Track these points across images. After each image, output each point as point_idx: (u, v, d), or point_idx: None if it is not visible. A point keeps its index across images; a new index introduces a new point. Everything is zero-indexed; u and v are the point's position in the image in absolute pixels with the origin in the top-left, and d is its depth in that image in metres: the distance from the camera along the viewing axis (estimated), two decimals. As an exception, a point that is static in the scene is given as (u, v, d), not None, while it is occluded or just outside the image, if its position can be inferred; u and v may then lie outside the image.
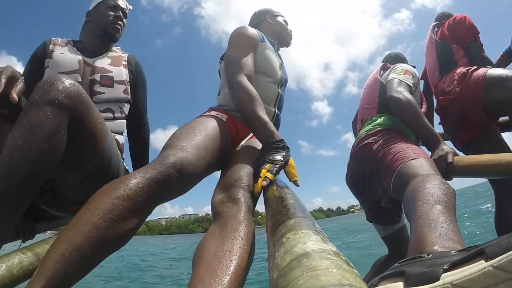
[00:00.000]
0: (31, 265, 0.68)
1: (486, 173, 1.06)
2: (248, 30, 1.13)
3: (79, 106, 0.72)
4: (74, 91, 0.70)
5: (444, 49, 1.56)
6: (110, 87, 1.10)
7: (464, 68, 1.43)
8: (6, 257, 0.66)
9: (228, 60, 1.06)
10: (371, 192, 1.32)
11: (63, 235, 0.55)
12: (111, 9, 1.18)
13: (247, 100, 0.94)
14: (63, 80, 0.70)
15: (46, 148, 0.65)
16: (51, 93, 0.67)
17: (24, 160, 0.62)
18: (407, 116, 1.22)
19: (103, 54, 1.17)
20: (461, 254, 0.39)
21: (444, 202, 0.68)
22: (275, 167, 0.79)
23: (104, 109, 1.07)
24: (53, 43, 1.11)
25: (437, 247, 0.53)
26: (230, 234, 0.63)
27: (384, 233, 1.44)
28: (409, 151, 1.06)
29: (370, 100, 1.47)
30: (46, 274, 0.50)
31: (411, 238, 0.63)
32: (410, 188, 0.82)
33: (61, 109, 0.67)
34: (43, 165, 0.66)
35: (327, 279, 0.23)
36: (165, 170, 0.69)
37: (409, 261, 0.45)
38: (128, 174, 0.69)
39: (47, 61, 1.07)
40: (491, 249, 0.34)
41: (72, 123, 0.70)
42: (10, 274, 0.63)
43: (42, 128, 0.64)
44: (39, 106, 0.65)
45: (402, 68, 1.38)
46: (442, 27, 1.63)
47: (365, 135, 1.32)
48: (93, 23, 1.18)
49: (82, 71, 1.07)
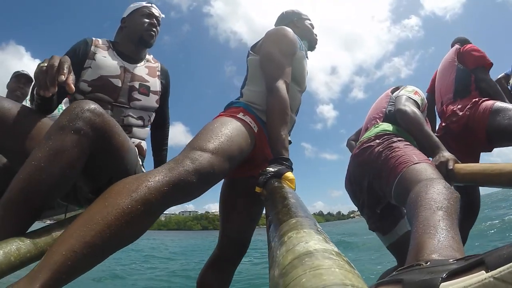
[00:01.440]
0: (28, 253, 0.68)
1: (486, 182, 1.06)
2: (293, 36, 1.14)
3: (103, 131, 0.77)
4: (99, 122, 0.75)
5: (463, 76, 1.69)
6: (146, 95, 1.18)
7: (476, 98, 1.59)
8: (3, 244, 0.66)
9: (271, 60, 1.06)
10: (370, 196, 1.32)
11: (74, 230, 0.56)
12: (146, 16, 1.24)
13: (278, 111, 0.98)
14: (90, 109, 0.74)
15: (66, 173, 0.70)
16: (78, 123, 0.71)
17: (45, 182, 0.67)
18: (412, 125, 1.27)
19: (140, 62, 1.23)
20: (460, 263, 0.38)
21: (446, 208, 0.68)
22: (266, 177, 0.83)
23: (138, 116, 1.16)
24: (95, 44, 1.15)
25: (436, 255, 0.53)
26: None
27: (388, 242, 1.39)
28: (412, 155, 1.07)
29: (378, 110, 1.50)
30: (51, 267, 0.50)
31: (410, 243, 0.63)
32: (413, 194, 0.82)
33: (85, 138, 0.72)
34: (61, 187, 0.72)
35: (330, 279, 0.23)
36: (186, 175, 0.70)
37: (407, 269, 0.44)
38: (148, 172, 0.68)
39: (89, 61, 1.11)
40: (491, 259, 0.33)
41: (96, 143, 0.76)
42: (7, 261, 0.63)
43: (66, 155, 0.69)
44: (65, 133, 0.70)
45: (413, 88, 1.49)
46: (463, 53, 1.73)
47: (368, 139, 1.32)
48: (129, 29, 1.24)
49: (123, 77, 1.14)
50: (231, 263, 1.19)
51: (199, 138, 0.84)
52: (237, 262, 1.20)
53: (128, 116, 1.13)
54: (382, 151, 1.19)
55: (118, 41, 1.24)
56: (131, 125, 1.14)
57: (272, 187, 0.76)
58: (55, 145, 0.69)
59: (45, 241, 0.74)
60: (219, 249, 1.19)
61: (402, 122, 1.32)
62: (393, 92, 1.56)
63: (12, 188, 0.68)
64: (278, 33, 1.13)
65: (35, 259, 0.71)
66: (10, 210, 0.67)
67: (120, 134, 0.86)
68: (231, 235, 1.19)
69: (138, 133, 1.17)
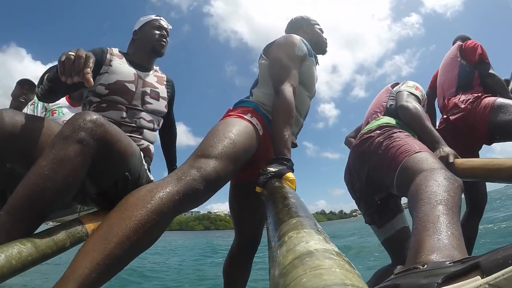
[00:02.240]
0: (30, 256, 0.68)
1: (487, 177, 1.06)
2: (301, 42, 1.18)
3: (105, 140, 0.82)
4: (100, 132, 0.80)
5: (466, 72, 1.70)
6: (156, 100, 1.30)
7: (479, 93, 1.60)
8: (5, 247, 0.66)
9: (278, 64, 1.11)
10: (369, 188, 1.31)
11: (95, 244, 0.59)
12: (156, 28, 1.36)
13: (282, 112, 1.01)
14: (92, 120, 0.79)
15: (69, 181, 0.75)
16: (81, 133, 0.76)
17: (48, 189, 0.72)
18: (414, 121, 1.27)
19: (150, 71, 1.35)
20: (456, 265, 0.38)
21: (446, 201, 0.67)
22: (266, 177, 0.85)
23: (149, 120, 1.26)
24: (110, 53, 1.26)
25: (434, 255, 0.53)
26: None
27: (383, 236, 1.35)
28: (413, 144, 1.06)
29: (379, 104, 1.50)
30: (77, 280, 0.54)
31: (411, 240, 0.63)
32: (413, 187, 0.81)
33: (87, 148, 0.77)
34: (64, 194, 0.76)
35: (330, 278, 0.23)
36: (193, 184, 0.74)
37: (404, 273, 0.45)
38: (159, 184, 0.73)
39: (105, 67, 1.20)
40: (486, 263, 0.33)
41: (99, 152, 0.80)
42: (9, 264, 0.63)
43: (69, 163, 0.74)
44: (68, 143, 0.75)
45: (413, 83, 1.49)
46: (465, 49, 1.74)
47: (368, 130, 1.32)
48: (141, 41, 1.35)
49: (136, 82, 1.25)
50: (248, 256, 1.36)
51: (204, 144, 0.88)
52: (252, 255, 1.36)
53: (140, 118, 1.23)
54: (383, 141, 1.18)
55: (131, 52, 1.36)
56: (143, 127, 1.24)
57: (273, 187, 0.76)
58: (58, 154, 0.73)
59: (47, 244, 0.74)
60: (236, 245, 1.35)
61: (404, 118, 1.32)
62: (393, 87, 1.56)
63: (16, 194, 0.72)
64: (287, 40, 1.18)
65: (37, 262, 0.71)
66: (14, 215, 0.71)
67: (123, 141, 0.91)
68: (244, 234, 1.33)
69: (148, 136, 1.26)
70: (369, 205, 1.37)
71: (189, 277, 4.30)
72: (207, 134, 0.94)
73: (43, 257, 0.72)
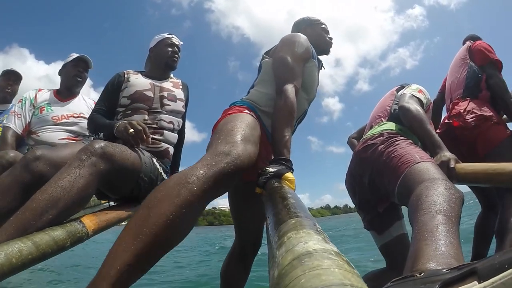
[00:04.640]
0: (30, 255, 0.68)
1: (488, 181, 1.05)
2: (307, 42, 1.17)
3: (111, 161, 0.99)
4: (107, 156, 0.98)
5: (475, 73, 1.66)
6: (174, 101, 1.47)
7: (490, 112, 1.53)
8: (5, 246, 0.66)
9: (283, 64, 1.10)
10: (370, 193, 1.31)
11: (124, 244, 0.59)
12: (169, 46, 1.55)
13: (284, 113, 1.01)
14: (100, 146, 0.97)
15: (82, 194, 0.89)
16: (92, 158, 0.94)
17: (64, 198, 0.84)
18: (414, 122, 1.26)
19: (166, 79, 1.55)
20: (453, 272, 0.38)
21: (446, 211, 0.67)
22: (265, 177, 0.84)
23: (169, 121, 1.43)
24: (127, 73, 1.47)
25: (432, 263, 0.53)
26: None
27: (381, 241, 1.35)
28: (414, 154, 1.06)
29: (383, 109, 1.49)
30: (109, 281, 0.54)
31: (410, 249, 0.63)
32: (414, 197, 0.81)
33: (97, 168, 0.94)
34: (75, 205, 0.89)
35: (329, 279, 0.23)
36: (226, 168, 0.72)
37: (401, 280, 0.45)
38: (185, 174, 0.69)
39: (125, 84, 1.42)
40: (483, 269, 0.33)
41: (109, 171, 0.98)
42: (9, 262, 0.63)
43: (83, 181, 0.89)
44: (83, 163, 0.92)
45: (417, 87, 1.48)
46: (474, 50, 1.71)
47: (372, 136, 1.32)
48: (156, 57, 1.55)
49: (153, 89, 1.44)
50: (249, 256, 1.35)
51: (220, 136, 0.88)
52: (252, 257, 1.35)
53: (161, 120, 1.39)
54: (385, 150, 1.19)
55: (148, 67, 1.57)
56: (163, 128, 1.39)
57: (272, 187, 0.76)
58: (74, 172, 0.89)
59: (47, 244, 0.74)
60: (237, 245, 1.35)
61: (404, 119, 1.32)
62: (398, 90, 1.55)
63: (33, 200, 0.82)
64: (292, 39, 1.17)
65: (37, 261, 0.71)
66: (27, 219, 0.78)
67: (129, 158, 1.08)
68: (245, 234, 1.34)
69: (168, 137, 1.41)
70: (369, 211, 1.37)
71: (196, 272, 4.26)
72: (216, 130, 0.94)
73: (43, 256, 0.72)
